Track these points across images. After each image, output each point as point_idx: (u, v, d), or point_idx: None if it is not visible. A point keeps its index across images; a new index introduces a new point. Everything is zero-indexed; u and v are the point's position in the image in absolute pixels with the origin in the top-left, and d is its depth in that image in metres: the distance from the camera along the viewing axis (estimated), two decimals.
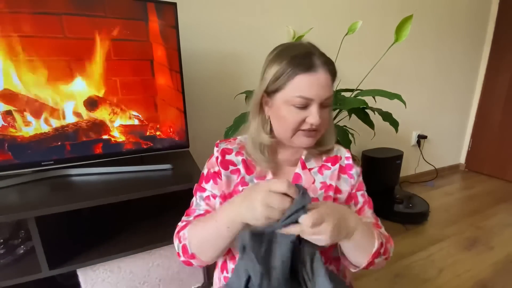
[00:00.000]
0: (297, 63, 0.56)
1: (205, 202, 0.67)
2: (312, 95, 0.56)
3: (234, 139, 0.72)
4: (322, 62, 0.57)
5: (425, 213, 1.94)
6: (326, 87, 0.57)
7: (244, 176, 0.66)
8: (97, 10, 0.90)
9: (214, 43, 1.45)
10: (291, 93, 0.57)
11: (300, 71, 0.56)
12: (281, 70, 0.57)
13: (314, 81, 0.56)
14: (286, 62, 0.57)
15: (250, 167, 0.67)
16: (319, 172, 0.69)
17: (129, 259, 0.98)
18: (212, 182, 0.67)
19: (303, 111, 0.58)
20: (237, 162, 0.67)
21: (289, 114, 0.59)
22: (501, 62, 2.51)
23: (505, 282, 1.41)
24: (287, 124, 0.60)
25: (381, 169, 2.06)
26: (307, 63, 0.56)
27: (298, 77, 0.56)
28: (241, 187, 0.65)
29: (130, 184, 0.97)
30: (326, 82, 0.57)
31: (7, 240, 0.95)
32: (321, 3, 1.69)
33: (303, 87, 0.56)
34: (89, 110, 0.97)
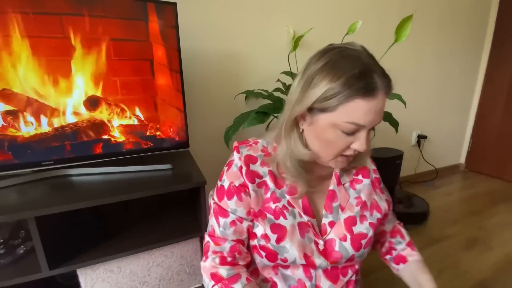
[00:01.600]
0: (357, 86, 0.46)
1: (233, 230, 0.59)
2: (366, 122, 0.49)
3: (255, 143, 0.62)
4: (385, 83, 0.49)
5: (425, 213, 1.94)
6: (382, 112, 0.50)
7: (275, 191, 0.58)
8: (97, 10, 0.90)
9: (214, 43, 1.45)
10: (343, 118, 0.48)
11: (358, 95, 0.46)
12: (335, 90, 0.47)
13: (372, 108, 0.48)
14: (341, 82, 0.46)
15: (279, 180, 0.59)
16: (351, 186, 0.64)
17: (129, 259, 0.98)
18: (237, 199, 0.58)
19: (350, 137, 0.51)
20: (264, 173, 0.59)
21: (336, 138, 0.51)
22: (501, 62, 2.50)
23: (505, 282, 1.40)
24: (330, 149, 0.53)
25: (381, 169, 2.05)
26: (368, 86, 0.47)
27: (355, 102, 0.47)
28: (274, 204, 0.58)
29: (130, 184, 0.97)
30: (383, 106, 0.50)
31: (7, 240, 0.95)
32: (321, 3, 1.69)
33: (359, 114, 0.48)
34: (89, 110, 0.97)
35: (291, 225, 0.57)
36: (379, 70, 0.49)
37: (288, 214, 0.58)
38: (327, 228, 0.60)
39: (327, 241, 0.60)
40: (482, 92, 2.67)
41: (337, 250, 0.59)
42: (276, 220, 0.57)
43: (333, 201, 0.62)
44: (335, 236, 0.60)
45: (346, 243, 0.59)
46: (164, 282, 1.06)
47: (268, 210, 0.58)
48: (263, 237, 0.57)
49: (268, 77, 1.61)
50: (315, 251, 0.58)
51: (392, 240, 0.74)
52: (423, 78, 2.33)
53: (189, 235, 1.03)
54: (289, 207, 0.58)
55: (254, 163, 0.58)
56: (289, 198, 0.59)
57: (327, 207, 0.61)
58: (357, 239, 0.60)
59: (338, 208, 0.61)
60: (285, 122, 0.56)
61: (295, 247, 0.56)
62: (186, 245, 1.06)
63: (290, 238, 0.57)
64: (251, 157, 0.59)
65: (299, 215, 0.59)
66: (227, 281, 0.56)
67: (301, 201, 0.59)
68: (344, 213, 0.61)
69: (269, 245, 0.57)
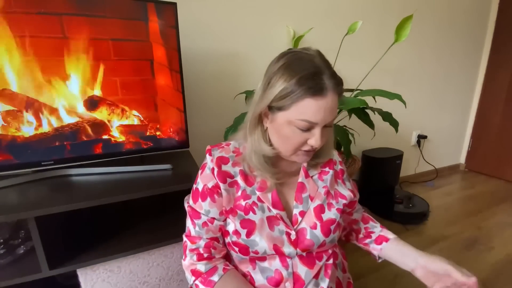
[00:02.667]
0: (306, 85, 0.51)
1: (205, 230, 0.63)
2: (317, 119, 0.53)
3: (227, 145, 0.66)
4: (333, 84, 0.52)
5: (425, 213, 1.94)
6: (333, 110, 0.54)
7: (245, 188, 0.62)
8: (97, 10, 0.90)
9: (214, 43, 1.45)
10: (296, 116, 0.53)
11: (308, 95, 0.51)
12: (288, 90, 0.52)
13: (322, 106, 0.52)
14: (293, 82, 0.51)
15: (250, 178, 0.63)
16: (319, 178, 0.69)
17: (129, 259, 0.98)
18: (210, 200, 0.62)
19: (305, 133, 0.56)
20: (235, 173, 0.63)
21: (292, 134, 0.56)
22: (501, 62, 2.51)
23: (505, 282, 1.41)
24: (288, 144, 0.58)
25: (381, 169, 2.06)
26: (317, 86, 0.51)
27: (306, 101, 0.52)
28: (244, 201, 0.62)
29: (130, 184, 0.97)
30: (334, 105, 0.54)
31: (7, 240, 0.95)
32: (321, 3, 1.69)
33: (310, 112, 0.52)
34: (89, 110, 0.97)
35: (260, 219, 0.61)
36: (328, 72, 0.53)
37: (257, 209, 0.62)
38: (298, 218, 0.64)
39: (298, 230, 0.63)
40: (482, 92, 2.68)
41: (308, 238, 0.62)
42: (245, 215, 0.61)
43: (303, 192, 0.66)
44: (306, 225, 0.63)
45: (317, 231, 0.63)
46: (164, 282, 1.06)
47: (239, 207, 0.62)
48: (235, 233, 0.61)
49: None
50: (285, 242, 0.61)
51: (367, 225, 0.79)
52: (423, 78, 2.33)
53: None
54: (259, 202, 0.62)
55: (225, 164, 0.62)
56: (259, 194, 0.62)
57: (297, 198, 0.65)
58: (327, 225, 0.64)
59: (307, 198, 0.65)
60: (250, 120, 0.61)
61: (264, 240, 0.60)
62: None
63: (259, 231, 0.60)
64: (223, 158, 0.63)
65: (268, 210, 0.62)
66: (205, 275, 0.61)
67: (270, 196, 0.62)
68: (313, 202, 0.65)
69: (240, 240, 0.61)
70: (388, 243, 0.72)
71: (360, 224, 0.80)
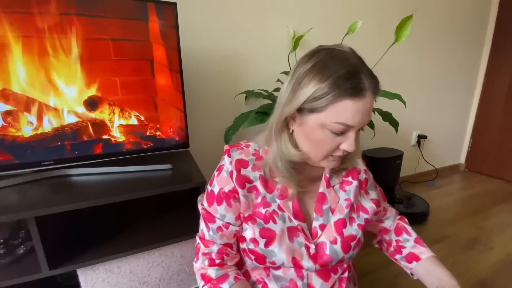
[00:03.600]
0: (344, 86, 0.47)
1: (220, 235, 0.60)
2: (355, 122, 0.49)
3: (246, 146, 0.62)
4: (372, 84, 0.49)
5: (425, 213, 1.94)
6: (370, 113, 0.51)
7: (265, 195, 0.59)
8: (97, 10, 0.90)
9: (214, 43, 1.45)
10: (331, 118, 0.49)
11: (347, 96, 0.47)
12: (324, 91, 0.48)
13: (360, 108, 0.49)
14: (330, 82, 0.47)
15: (270, 184, 0.60)
16: (341, 188, 0.65)
17: (129, 259, 0.98)
18: (226, 205, 0.59)
19: (339, 137, 0.52)
20: (254, 178, 0.59)
21: (324, 138, 0.52)
22: (501, 62, 2.50)
23: (505, 282, 1.41)
24: (319, 149, 0.54)
25: (381, 169, 2.06)
26: (355, 87, 0.47)
27: (344, 102, 0.48)
28: (264, 209, 0.58)
29: (130, 184, 0.97)
30: (371, 107, 0.51)
31: (7, 240, 0.95)
32: (321, 3, 1.69)
33: (347, 115, 0.49)
34: (89, 110, 0.97)
35: (281, 229, 0.58)
36: (366, 71, 0.49)
37: (278, 219, 0.58)
38: (317, 231, 0.61)
39: (318, 244, 0.60)
40: (482, 92, 2.67)
41: (327, 253, 0.60)
42: (266, 224, 0.58)
43: (323, 203, 0.62)
44: (326, 239, 0.60)
45: (337, 246, 0.60)
46: (164, 282, 1.06)
47: (258, 215, 0.58)
48: (252, 241, 0.58)
49: (268, 77, 1.61)
50: (304, 255, 0.59)
51: (399, 238, 0.74)
52: (423, 78, 2.33)
53: (189, 235, 1.02)
54: (279, 211, 0.59)
55: (245, 168, 0.59)
56: (279, 202, 0.59)
57: (317, 210, 0.62)
58: (347, 242, 0.61)
59: (328, 210, 0.62)
60: (275, 123, 0.56)
61: (283, 251, 0.57)
62: (186, 245, 1.06)
63: (279, 242, 0.57)
64: (242, 161, 0.59)
65: (289, 220, 0.59)
66: (216, 281, 0.59)
67: (291, 205, 0.59)
68: (334, 215, 0.62)
69: (257, 249, 0.58)
70: (418, 263, 0.68)
71: (391, 235, 0.75)
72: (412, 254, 0.70)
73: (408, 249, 0.71)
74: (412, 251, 0.70)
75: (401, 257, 0.72)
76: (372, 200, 0.68)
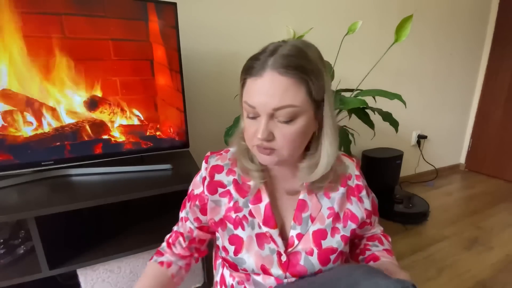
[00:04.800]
0: (248, 66, 0.49)
1: (181, 224, 0.67)
2: (254, 102, 0.47)
3: (226, 151, 0.63)
4: (273, 62, 0.45)
5: (425, 213, 1.94)
6: (274, 95, 0.46)
7: (238, 200, 0.58)
8: (97, 10, 0.90)
9: (214, 43, 1.45)
10: (243, 98, 0.51)
11: (247, 75, 0.49)
12: (241, 73, 0.51)
13: (259, 87, 0.46)
14: (246, 63, 0.50)
15: (244, 188, 0.58)
16: (325, 195, 0.60)
17: (129, 259, 0.98)
18: (190, 204, 0.62)
19: (255, 122, 0.49)
20: (228, 183, 0.59)
21: (247, 123, 0.52)
22: (501, 62, 2.51)
23: (505, 282, 1.41)
24: (246, 134, 0.53)
25: (381, 169, 2.06)
26: (255, 65, 0.47)
27: (247, 83, 0.49)
28: (234, 214, 0.58)
29: (130, 184, 0.97)
30: (274, 89, 0.46)
31: (7, 240, 0.95)
32: (321, 3, 1.69)
33: (249, 94, 0.48)
34: (89, 110, 0.97)
35: (248, 236, 0.57)
36: (272, 50, 0.47)
37: (247, 225, 0.57)
38: (294, 241, 0.57)
39: (292, 253, 0.57)
40: (482, 92, 2.68)
41: (301, 264, 0.56)
42: (234, 230, 0.58)
43: (303, 211, 0.58)
44: (302, 249, 0.57)
45: (313, 258, 0.56)
46: None
47: (229, 219, 0.58)
48: (224, 250, 0.59)
49: None
50: (275, 262, 0.56)
51: (369, 243, 0.68)
52: (423, 78, 2.33)
53: None
54: (250, 217, 0.58)
55: (219, 173, 0.60)
56: (251, 208, 0.57)
57: (296, 218, 0.58)
58: (325, 254, 0.57)
59: (308, 219, 0.58)
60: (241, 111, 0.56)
61: (252, 258, 0.56)
62: None
63: (247, 249, 0.56)
64: (217, 167, 0.60)
65: (258, 226, 0.57)
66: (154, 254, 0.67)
67: (263, 210, 0.57)
68: (313, 225, 0.58)
69: (228, 257, 0.58)
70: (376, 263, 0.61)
71: (362, 240, 0.70)
72: (373, 256, 0.63)
73: (372, 252, 0.65)
74: (376, 253, 0.64)
75: (362, 258, 0.66)
76: (365, 210, 0.62)
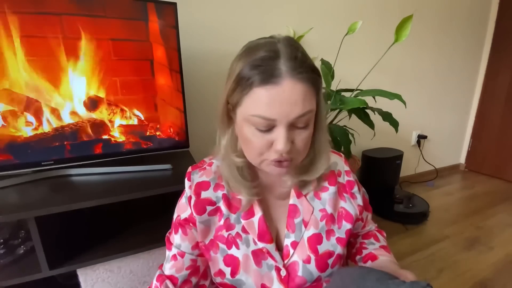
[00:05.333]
0: (255, 72, 0.41)
1: (171, 264, 0.54)
2: (273, 114, 0.42)
3: (209, 165, 0.57)
4: (290, 68, 0.41)
5: (425, 213, 1.94)
6: (296, 103, 0.42)
7: (229, 216, 0.53)
8: (97, 10, 0.90)
9: (214, 43, 1.45)
10: (249, 111, 0.43)
11: (257, 83, 0.41)
12: (238, 79, 0.43)
13: (275, 97, 0.41)
14: (244, 69, 0.42)
15: (234, 203, 0.54)
16: (315, 196, 0.57)
17: (129, 259, 0.98)
18: (181, 233, 0.54)
19: (267, 135, 0.44)
20: (217, 199, 0.54)
21: (251, 136, 0.45)
22: (501, 62, 2.51)
23: (505, 282, 1.41)
24: (251, 149, 0.46)
25: (381, 169, 2.06)
26: (267, 71, 0.41)
27: (256, 91, 0.42)
28: (226, 232, 0.53)
29: (130, 184, 0.97)
30: (296, 96, 0.42)
31: (7, 240, 0.95)
32: (321, 3, 1.69)
33: (261, 106, 0.42)
34: (89, 110, 0.97)
35: (244, 255, 0.53)
36: (288, 55, 0.42)
37: (241, 243, 0.53)
38: (289, 250, 0.54)
39: (289, 265, 0.54)
40: (482, 92, 2.68)
41: (300, 275, 0.53)
42: (228, 250, 0.53)
43: (295, 217, 0.55)
44: (299, 258, 0.54)
45: (310, 265, 0.54)
46: None
47: (220, 239, 0.54)
48: (219, 274, 0.54)
49: None
50: (275, 279, 0.53)
51: (364, 241, 0.65)
52: (423, 78, 2.33)
53: None
54: (243, 234, 0.54)
55: (206, 190, 0.54)
56: (244, 223, 0.53)
57: (288, 225, 0.55)
58: (323, 259, 0.54)
59: (301, 224, 0.55)
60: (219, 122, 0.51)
61: (251, 278, 0.53)
62: None
63: (244, 269, 0.53)
64: (203, 184, 0.54)
65: (253, 242, 0.53)
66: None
67: (257, 225, 0.53)
68: (307, 230, 0.55)
69: (225, 280, 0.54)
70: (373, 262, 0.58)
71: (358, 238, 0.67)
72: (371, 255, 0.60)
73: (370, 250, 0.62)
74: (373, 252, 0.61)
75: (360, 258, 0.62)
76: (358, 206, 0.60)
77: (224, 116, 0.49)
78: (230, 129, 0.51)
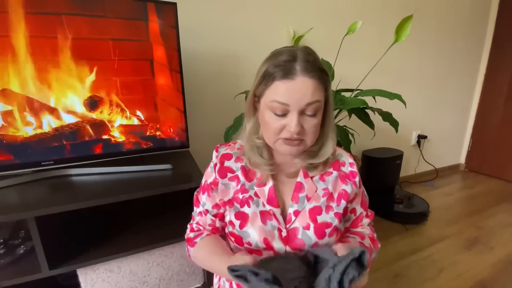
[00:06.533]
0: (277, 70, 0.55)
1: (197, 219, 0.71)
2: (287, 100, 0.55)
3: (234, 143, 0.71)
4: (303, 68, 0.54)
5: (425, 213, 1.94)
6: (306, 94, 0.54)
7: (244, 183, 0.65)
8: (97, 10, 0.90)
9: (214, 43, 1.45)
10: (269, 98, 0.56)
11: (278, 78, 0.55)
12: (264, 75, 0.57)
13: (290, 88, 0.54)
14: (269, 68, 0.56)
15: (250, 174, 0.66)
16: (320, 179, 0.67)
17: (129, 259, 0.98)
18: (207, 195, 0.68)
19: (283, 119, 0.57)
20: (236, 169, 0.66)
21: (270, 119, 0.57)
22: (501, 62, 2.51)
23: (505, 282, 1.41)
24: (269, 130, 0.59)
25: (381, 169, 2.06)
26: (286, 70, 0.54)
27: (275, 85, 0.55)
28: (241, 195, 0.65)
29: (130, 184, 0.97)
30: (306, 89, 0.54)
31: (7, 240, 0.95)
32: (321, 3, 1.69)
33: (279, 93, 0.55)
34: (89, 110, 0.97)
35: (253, 212, 0.64)
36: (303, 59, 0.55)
37: (252, 203, 0.65)
38: (292, 217, 0.64)
39: (291, 229, 0.64)
40: (482, 92, 2.68)
41: (299, 237, 0.63)
42: (241, 208, 0.65)
43: (300, 192, 0.66)
44: (299, 224, 0.64)
45: (309, 231, 0.63)
46: (164, 282, 1.06)
47: (236, 200, 0.65)
48: (230, 224, 0.65)
49: None
50: (276, 237, 0.63)
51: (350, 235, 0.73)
52: (423, 78, 2.33)
53: None
54: (255, 197, 0.65)
55: (229, 160, 0.67)
56: (256, 189, 0.65)
57: (293, 197, 0.66)
58: (321, 228, 0.64)
59: (304, 198, 0.65)
60: (246, 111, 0.65)
61: (256, 232, 0.63)
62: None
63: (252, 223, 0.63)
64: (227, 155, 0.68)
65: (262, 205, 0.65)
66: (193, 238, 0.70)
67: (267, 192, 0.65)
68: (309, 203, 0.65)
69: (234, 231, 0.64)
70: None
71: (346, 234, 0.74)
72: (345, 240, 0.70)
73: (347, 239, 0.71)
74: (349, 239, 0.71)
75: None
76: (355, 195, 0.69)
77: (250, 106, 0.63)
78: (254, 117, 0.64)
